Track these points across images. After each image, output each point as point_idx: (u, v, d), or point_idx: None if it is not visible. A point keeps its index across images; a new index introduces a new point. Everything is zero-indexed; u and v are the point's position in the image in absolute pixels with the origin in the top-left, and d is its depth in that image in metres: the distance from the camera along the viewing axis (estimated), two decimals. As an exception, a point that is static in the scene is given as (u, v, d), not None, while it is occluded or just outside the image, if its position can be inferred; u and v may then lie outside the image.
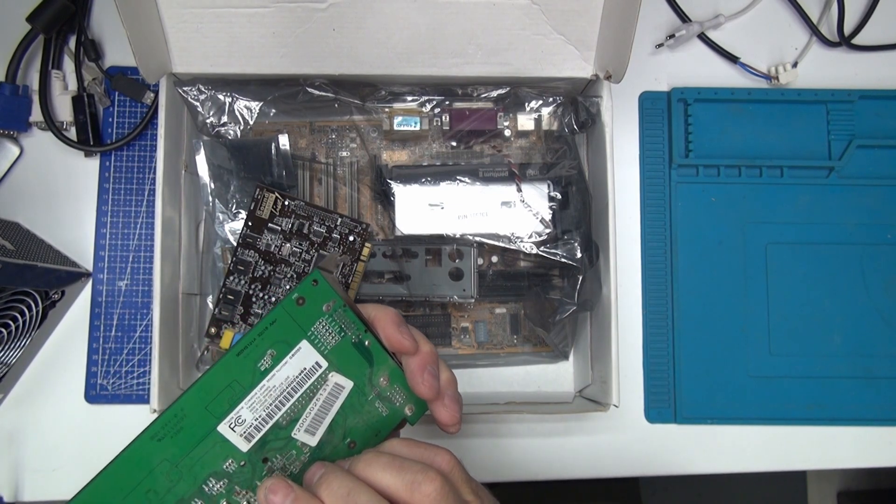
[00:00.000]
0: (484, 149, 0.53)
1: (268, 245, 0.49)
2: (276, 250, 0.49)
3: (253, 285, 0.49)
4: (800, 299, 0.57)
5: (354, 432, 0.34)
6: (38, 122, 0.56)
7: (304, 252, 0.49)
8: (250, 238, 0.49)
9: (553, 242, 0.50)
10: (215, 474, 0.32)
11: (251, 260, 0.49)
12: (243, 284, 0.49)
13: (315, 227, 0.49)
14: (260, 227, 0.49)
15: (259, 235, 0.49)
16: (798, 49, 0.61)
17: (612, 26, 0.47)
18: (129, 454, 0.32)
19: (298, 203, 0.49)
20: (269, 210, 0.49)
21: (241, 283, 0.49)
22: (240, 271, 0.49)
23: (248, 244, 0.49)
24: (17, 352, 0.52)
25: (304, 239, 0.49)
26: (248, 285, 0.49)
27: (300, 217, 0.49)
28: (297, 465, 0.33)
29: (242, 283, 0.49)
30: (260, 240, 0.49)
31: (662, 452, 0.56)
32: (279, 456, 0.33)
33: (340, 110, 0.52)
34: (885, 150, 0.59)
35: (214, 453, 0.32)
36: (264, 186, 0.49)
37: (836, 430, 0.57)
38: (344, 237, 0.49)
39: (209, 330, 0.49)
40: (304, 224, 0.49)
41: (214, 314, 0.49)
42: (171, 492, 0.32)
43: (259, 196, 0.49)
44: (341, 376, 0.34)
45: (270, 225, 0.49)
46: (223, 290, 0.49)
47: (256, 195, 0.49)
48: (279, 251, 0.49)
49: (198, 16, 0.47)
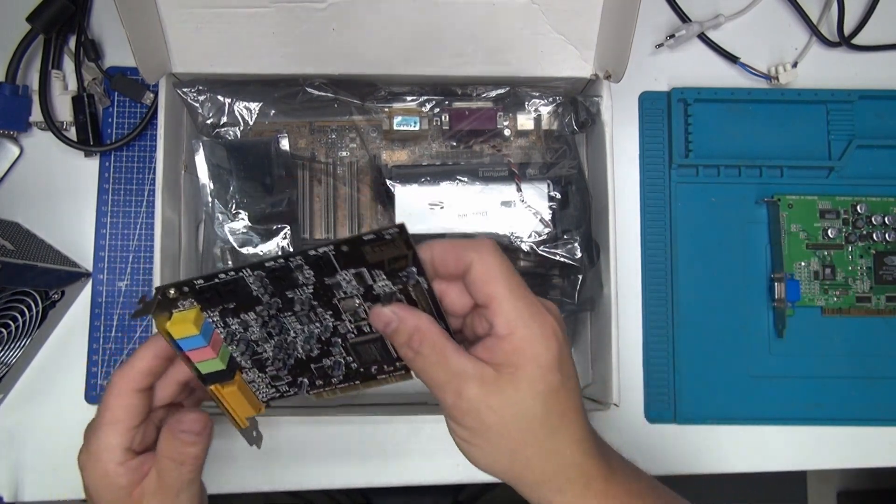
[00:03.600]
0: (484, 148, 0.53)
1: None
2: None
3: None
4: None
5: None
6: (38, 122, 0.56)
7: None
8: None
9: (553, 242, 0.50)
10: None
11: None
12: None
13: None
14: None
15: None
16: (798, 49, 0.61)
17: (612, 26, 0.47)
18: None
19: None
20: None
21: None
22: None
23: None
24: (17, 352, 0.52)
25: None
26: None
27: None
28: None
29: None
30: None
31: (662, 452, 0.56)
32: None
33: (340, 110, 0.52)
34: (885, 150, 0.59)
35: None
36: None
37: (836, 430, 0.57)
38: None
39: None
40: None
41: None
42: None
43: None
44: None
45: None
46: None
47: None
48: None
49: (198, 16, 0.47)
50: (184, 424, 0.35)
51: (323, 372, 0.37)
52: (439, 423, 0.56)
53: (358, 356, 0.36)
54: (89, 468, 0.35)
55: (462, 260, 0.32)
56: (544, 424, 0.32)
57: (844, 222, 0.58)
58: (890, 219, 0.57)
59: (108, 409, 0.35)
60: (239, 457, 0.54)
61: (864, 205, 0.57)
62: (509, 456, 0.33)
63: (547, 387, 0.32)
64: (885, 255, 0.57)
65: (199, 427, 0.35)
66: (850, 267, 0.57)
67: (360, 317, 0.34)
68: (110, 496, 0.35)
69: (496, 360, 0.32)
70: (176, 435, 0.35)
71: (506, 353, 0.32)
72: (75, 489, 0.54)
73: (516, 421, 0.32)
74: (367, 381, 0.38)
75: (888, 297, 0.57)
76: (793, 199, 0.57)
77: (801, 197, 0.58)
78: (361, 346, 0.36)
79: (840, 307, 0.57)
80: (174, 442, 0.35)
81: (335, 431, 0.56)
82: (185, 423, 0.35)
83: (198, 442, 0.35)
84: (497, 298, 0.32)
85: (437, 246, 0.33)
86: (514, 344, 0.31)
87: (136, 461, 0.35)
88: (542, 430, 0.32)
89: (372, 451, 0.56)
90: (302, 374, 0.37)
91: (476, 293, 0.32)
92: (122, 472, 0.35)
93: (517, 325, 0.32)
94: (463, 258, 0.32)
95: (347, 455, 0.55)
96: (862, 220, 0.57)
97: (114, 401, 0.35)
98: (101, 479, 0.35)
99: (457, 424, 0.33)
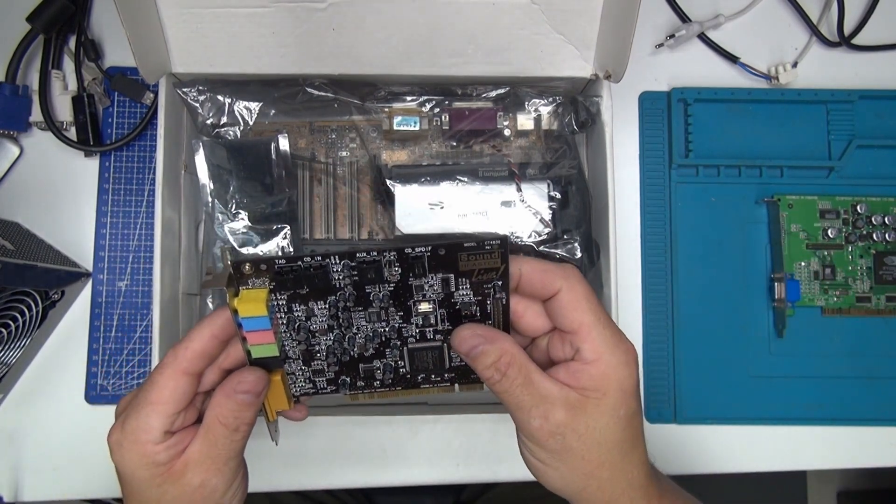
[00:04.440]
0: (484, 148, 0.53)
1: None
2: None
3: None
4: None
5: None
6: (38, 122, 0.56)
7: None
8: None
9: (553, 242, 0.50)
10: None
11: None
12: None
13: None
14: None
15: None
16: (798, 49, 0.61)
17: (612, 26, 0.47)
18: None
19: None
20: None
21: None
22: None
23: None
24: (17, 352, 0.52)
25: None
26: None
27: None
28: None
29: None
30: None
31: (662, 452, 0.56)
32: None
33: (340, 110, 0.52)
34: (885, 150, 0.59)
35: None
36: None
37: (836, 430, 0.57)
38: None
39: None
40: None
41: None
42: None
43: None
44: None
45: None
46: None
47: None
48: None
49: (197, 16, 0.47)
50: (244, 384, 0.33)
51: (369, 373, 0.36)
52: (440, 423, 0.56)
53: (412, 362, 0.36)
54: (125, 447, 0.33)
55: (550, 285, 0.33)
56: (620, 448, 0.33)
57: (844, 222, 0.58)
58: (890, 219, 0.57)
59: (155, 387, 0.33)
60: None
61: (864, 205, 0.57)
62: (584, 478, 0.33)
63: (627, 412, 0.33)
64: (885, 255, 0.57)
65: (260, 387, 0.33)
66: (850, 267, 0.57)
67: (430, 322, 0.34)
68: (146, 473, 0.33)
69: (581, 385, 0.33)
70: (233, 396, 0.33)
71: (592, 378, 0.32)
72: (75, 489, 0.54)
73: (598, 445, 0.33)
74: (409, 388, 0.37)
75: (888, 297, 0.57)
76: (793, 199, 0.57)
77: (801, 197, 0.58)
78: (419, 352, 0.35)
79: (840, 307, 0.57)
80: (230, 403, 0.33)
81: (337, 431, 0.56)
82: (245, 383, 0.33)
83: (255, 404, 0.33)
84: (586, 325, 0.33)
85: (525, 264, 0.33)
86: (601, 370, 0.32)
87: (175, 438, 0.33)
88: (618, 453, 0.33)
89: (373, 451, 0.56)
90: (347, 372, 0.36)
91: (562, 319, 0.33)
92: (161, 450, 0.33)
93: (604, 351, 0.33)
94: (551, 283, 0.33)
95: (349, 455, 0.55)
96: (862, 220, 0.57)
97: (164, 381, 0.33)
98: (138, 459, 0.33)
99: (538, 447, 0.33)
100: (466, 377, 0.37)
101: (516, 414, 0.33)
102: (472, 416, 0.55)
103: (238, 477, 0.35)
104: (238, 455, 0.34)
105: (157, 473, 0.33)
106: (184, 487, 0.33)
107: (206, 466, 0.33)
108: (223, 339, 0.34)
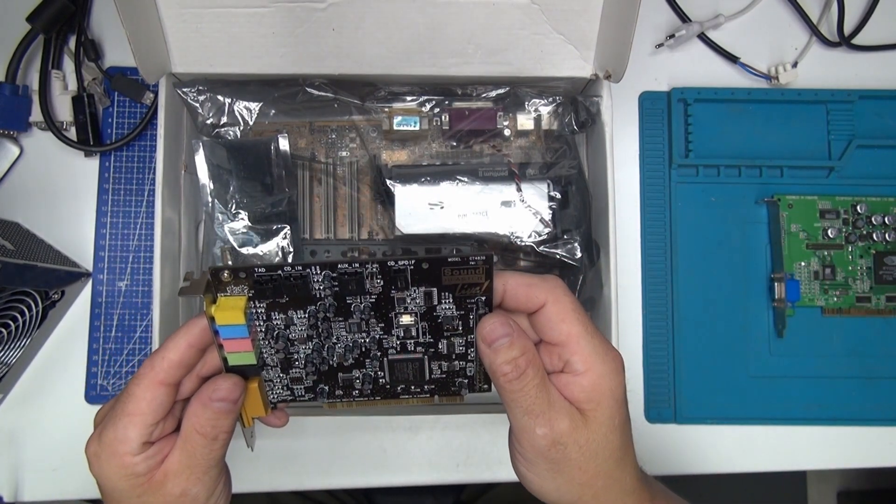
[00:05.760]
0: (484, 148, 0.53)
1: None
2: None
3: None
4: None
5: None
6: (38, 122, 0.56)
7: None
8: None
9: (553, 242, 0.50)
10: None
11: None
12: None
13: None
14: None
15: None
16: (798, 49, 0.61)
17: (612, 26, 0.47)
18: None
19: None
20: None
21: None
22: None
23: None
24: (17, 352, 0.52)
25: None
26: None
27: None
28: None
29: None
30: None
31: (662, 452, 0.56)
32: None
33: (340, 110, 0.52)
34: (885, 150, 0.59)
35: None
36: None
37: (836, 430, 0.57)
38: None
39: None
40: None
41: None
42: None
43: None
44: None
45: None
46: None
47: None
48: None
49: (197, 16, 0.47)
50: (220, 392, 0.32)
51: (348, 383, 0.36)
52: (440, 423, 0.56)
53: (391, 373, 0.35)
54: (103, 459, 0.33)
55: (535, 298, 0.33)
56: (615, 456, 0.34)
57: (844, 222, 0.58)
58: (890, 219, 0.57)
59: (132, 399, 0.32)
60: (242, 457, 0.54)
61: (864, 205, 0.57)
62: (580, 488, 0.33)
63: (621, 419, 0.33)
64: (885, 255, 0.57)
65: (236, 394, 0.33)
66: (850, 267, 0.57)
67: (411, 334, 0.34)
68: (126, 484, 0.33)
69: (574, 397, 0.33)
70: (209, 405, 0.32)
71: (585, 389, 0.33)
72: (75, 489, 0.54)
73: (595, 455, 0.33)
74: (388, 398, 0.37)
75: (888, 297, 0.57)
76: (793, 199, 0.57)
77: (801, 197, 0.58)
78: (399, 363, 0.35)
79: (840, 307, 0.57)
80: (206, 412, 0.32)
81: (337, 431, 0.56)
82: (221, 391, 0.32)
83: (233, 411, 0.33)
84: (575, 336, 0.33)
85: (510, 279, 0.33)
86: (593, 380, 0.33)
87: (154, 448, 0.33)
88: (612, 462, 0.34)
89: (373, 451, 0.56)
90: (326, 381, 0.36)
91: (550, 331, 0.33)
92: (140, 461, 0.33)
93: (594, 361, 0.33)
94: (535, 297, 0.33)
95: (349, 455, 0.55)
96: (862, 220, 0.57)
97: (140, 392, 0.32)
98: (116, 471, 0.33)
99: (536, 455, 0.33)
100: (447, 389, 0.37)
101: (523, 419, 0.33)
102: (472, 417, 0.55)
103: (220, 483, 0.35)
104: (219, 463, 0.34)
105: (136, 484, 0.33)
106: (165, 497, 0.33)
107: (186, 476, 0.33)
108: (200, 348, 0.33)
